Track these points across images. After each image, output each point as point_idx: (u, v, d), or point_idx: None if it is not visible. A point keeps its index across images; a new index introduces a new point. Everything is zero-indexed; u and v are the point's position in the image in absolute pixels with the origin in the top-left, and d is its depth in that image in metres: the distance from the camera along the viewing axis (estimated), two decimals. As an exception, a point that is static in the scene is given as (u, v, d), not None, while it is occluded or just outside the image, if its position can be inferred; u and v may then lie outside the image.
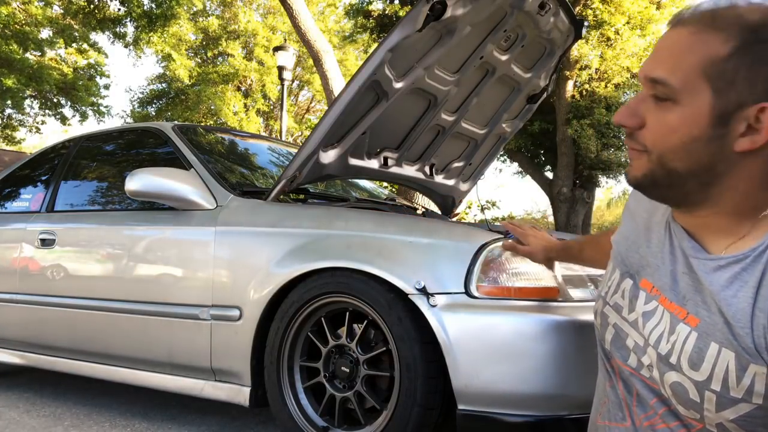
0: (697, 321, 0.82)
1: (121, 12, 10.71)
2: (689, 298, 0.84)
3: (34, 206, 2.86)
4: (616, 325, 0.96)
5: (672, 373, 0.84)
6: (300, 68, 17.98)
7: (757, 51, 0.74)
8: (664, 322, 0.87)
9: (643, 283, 0.92)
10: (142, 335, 2.21)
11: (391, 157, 2.57)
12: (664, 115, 0.80)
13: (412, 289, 1.63)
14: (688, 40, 0.78)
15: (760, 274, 0.77)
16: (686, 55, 0.77)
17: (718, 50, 0.75)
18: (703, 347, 0.81)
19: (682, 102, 0.78)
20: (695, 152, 0.79)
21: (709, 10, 0.78)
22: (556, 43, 2.49)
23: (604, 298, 1.00)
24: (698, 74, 0.77)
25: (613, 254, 1.02)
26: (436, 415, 1.62)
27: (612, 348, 0.97)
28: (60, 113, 16.40)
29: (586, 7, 9.37)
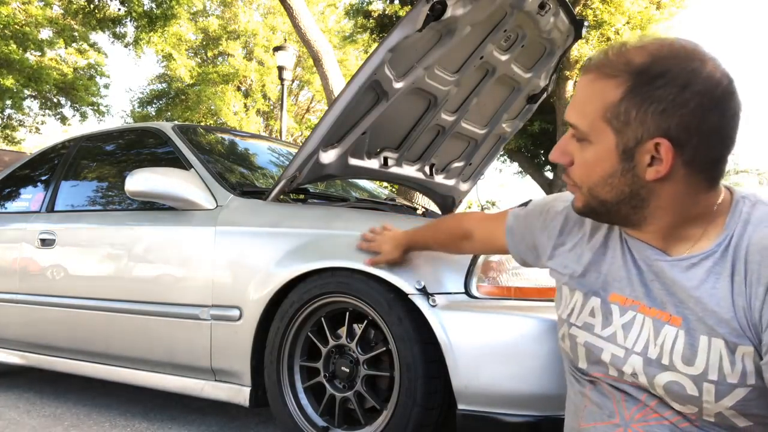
0: (680, 320, 0.88)
1: (121, 12, 10.70)
2: (666, 301, 0.90)
3: (34, 206, 2.86)
4: (587, 344, 1.00)
5: (665, 373, 0.89)
6: (300, 68, 17.98)
7: (644, 92, 0.83)
8: (647, 328, 0.92)
9: (612, 297, 0.97)
10: (142, 335, 2.21)
11: (391, 157, 2.57)
12: (584, 153, 0.91)
13: (412, 289, 1.63)
14: (590, 89, 0.89)
15: (730, 265, 0.85)
16: (589, 102, 0.89)
17: (612, 96, 0.86)
18: (693, 343, 0.86)
19: (593, 142, 0.89)
20: (615, 184, 0.89)
21: (603, 58, 0.88)
22: (556, 43, 2.49)
23: (568, 321, 1.04)
24: (600, 118, 0.87)
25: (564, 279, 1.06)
26: (436, 415, 1.62)
27: (588, 366, 1.01)
28: (60, 113, 16.40)
29: (586, 7, 9.36)
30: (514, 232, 1.20)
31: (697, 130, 0.82)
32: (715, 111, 0.82)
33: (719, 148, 0.85)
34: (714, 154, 0.85)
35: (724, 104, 0.83)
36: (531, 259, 1.18)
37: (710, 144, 0.84)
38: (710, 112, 0.82)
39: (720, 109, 0.83)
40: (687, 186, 0.86)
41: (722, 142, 0.85)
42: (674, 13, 10.45)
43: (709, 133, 0.83)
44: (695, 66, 0.82)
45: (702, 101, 0.81)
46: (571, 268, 1.04)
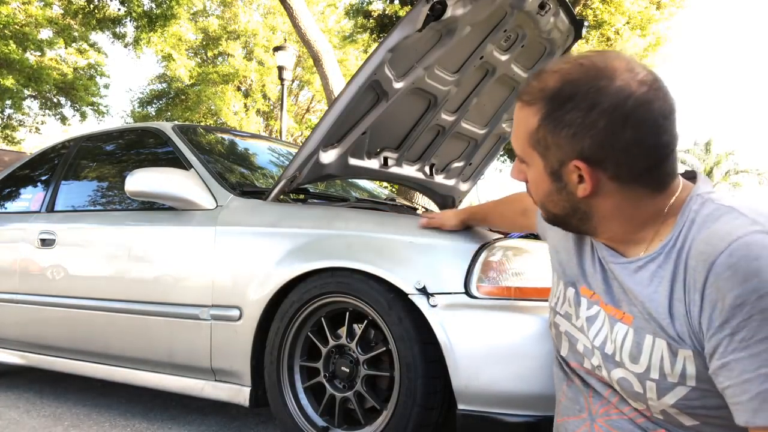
0: (631, 318, 0.91)
1: (121, 12, 10.71)
2: (621, 299, 0.93)
3: (34, 206, 2.86)
4: (567, 333, 1.04)
5: (617, 370, 0.92)
6: (300, 68, 17.97)
7: (555, 117, 0.87)
8: (605, 324, 0.95)
9: (582, 290, 1.01)
10: (142, 335, 2.21)
11: (391, 157, 2.57)
12: (528, 174, 0.97)
13: (412, 289, 1.63)
14: (517, 116, 0.94)
15: (672, 269, 0.85)
16: (519, 129, 0.94)
17: (531, 123, 0.90)
18: (640, 341, 0.89)
19: (529, 165, 0.95)
20: (556, 201, 0.94)
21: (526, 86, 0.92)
22: (556, 43, 2.49)
23: (555, 309, 1.08)
24: (526, 144, 0.92)
25: (554, 265, 1.11)
26: (436, 415, 1.62)
27: (568, 354, 1.05)
28: (60, 113, 16.40)
29: (586, 7, 9.36)
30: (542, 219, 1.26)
31: (612, 147, 0.84)
32: (628, 125, 0.82)
33: (645, 158, 0.85)
34: (641, 165, 0.85)
35: (638, 116, 0.82)
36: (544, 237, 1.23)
37: (632, 157, 0.84)
38: (622, 127, 0.82)
39: (633, 122, 0.82)
40: (624, 197, 0.88)
41: (646, 151, 0.84)
42: (674, 13, 10.45)
43: (627, 148, 0.83)
44: (602, 84, 0.83)
45: (611, 119, 0.82)
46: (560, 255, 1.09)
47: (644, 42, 10.02)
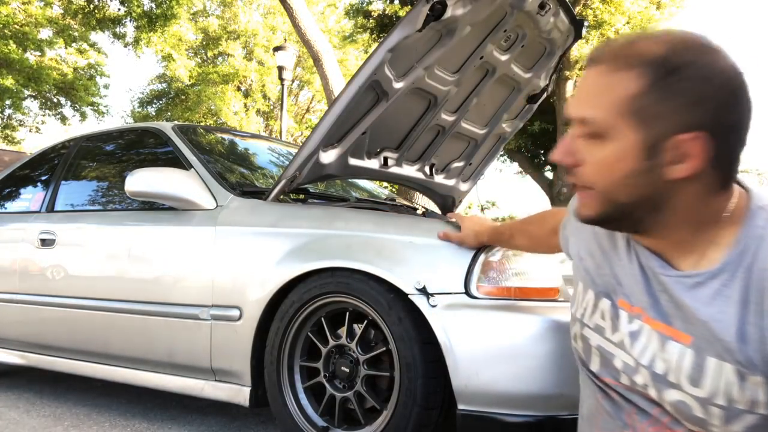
0: (690, 338, 0.82)
1: (121, 12, 10.71)
2: (674, 315, 0.84)
3: (34, 206, 2.86)
4: (600, 347, 0.94)
5: (672, 391, 0.84)
6: (300, 68, 17.97)
7: (667, 85, 0.77)
8: (654, 341, 0.86)
9: (620, 302, 0.92)
10: (142, 335, 2.21)
11: (391, 157, 2.57)
12: (599, 151, 0.82)
13: (412, 289, 1.63)
14: (602, 81, 0.81)
15: (743, 290, 0.77)
16: (603, 95, 0.80)
17: (631, 88, 0.78)
18: (701, 363, 0.80)
19: (611, 138, 0.81)
20: (635, 184, 0.81)
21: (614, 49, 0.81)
22: (556, 43, 2.49)
23: (581, 321, 0.98)
24: (618, 112, 0.79)
25: (580, 273, 1.01)
26: (436, 415, 1.62)
27: (601, 369, 0.95)
28: (60, 113, 16.41)
29: (586, 7, 9.36)
30: (565, 225, 1.16)
31: (721, 125, 0.77)
32: (736, 105, 0.78)
33: (739, 144, 0.80)
34: (734, 151, 0.80)
35: (743, 96, 0.79)
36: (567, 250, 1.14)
37: (731, 139, 0.79)
38: (731, 106, 0.78)
39: (741, 100, 0.78)
40: (703, 186, 0.80)
41: (741, 137, 0.80)
42: (674, 14, 10.46)
43: (730, 128, 0.78)
44: (713, 58, 0.78)
45: (724, 95, 0.77)
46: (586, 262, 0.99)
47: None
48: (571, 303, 1.04)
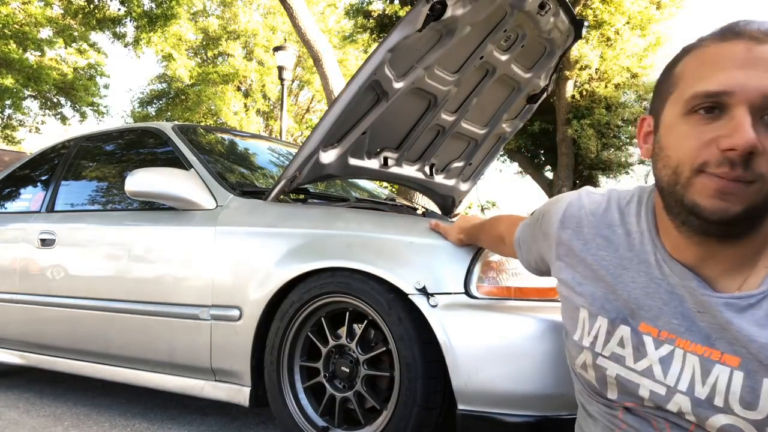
0: (738, 359, 0.78)
1: (121, 12, 10.71)
2: (717, 337, 0.79)
3: (34, 206, 2.86)
4: (620, 377, 0.88)
5: (720, 416, 0.79)
6: (300, 68, 17.97)
7: None
8: (691, 365, 0.81)
9: (643, 327, 0.86)
10: (143, 335, 2.21)
11: (391, 157, 2.57)
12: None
13: (412, 289, 1.63)
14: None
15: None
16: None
17: None
18: (755, 386, 0.77)
19: None
20: None
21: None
22: (556, 43, 2.49)
23: (593, 350, 0.91)
24: None
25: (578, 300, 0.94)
26: (436, 415, 1.62)
27: (618, 395, 0.90)
28: (60, 113, 16.41)
29: (586, 7, 9.37)
30: (521, 244, 1.13)
31: None
32: None
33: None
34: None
35: None
36: (545, 269, 1.07)
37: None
38: None
39: None
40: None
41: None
42: (674, 14, 10.46)
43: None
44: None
45: None
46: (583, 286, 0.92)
47: (644, 42, 10.02)
48: (570, 327, 0.96)
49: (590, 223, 0.94)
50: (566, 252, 0.96)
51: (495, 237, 1.34)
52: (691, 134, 0.76)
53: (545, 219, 1.02)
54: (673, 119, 0.79)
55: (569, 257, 0.95)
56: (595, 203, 0.95)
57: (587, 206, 0.96)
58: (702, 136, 0.75)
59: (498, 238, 1.31)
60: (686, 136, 0.76)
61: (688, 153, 0.76)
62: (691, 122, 0.76)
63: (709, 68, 0.75)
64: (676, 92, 0.80)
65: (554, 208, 1.00)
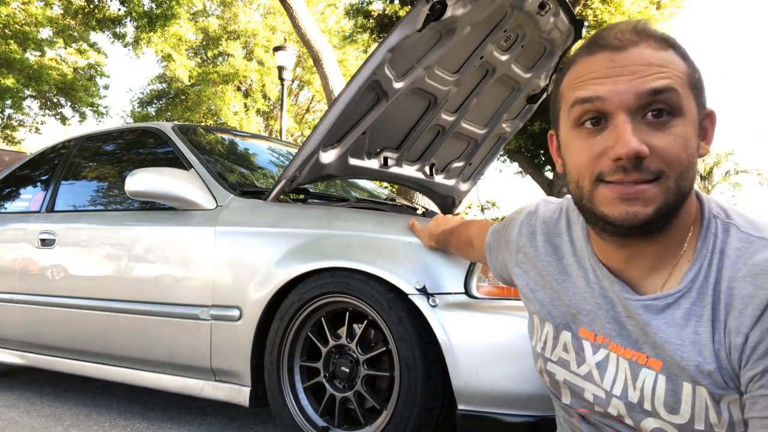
0: (660, 363, 0.79)
1: (121, 12, 10.71)
2: (643, 341, 0.80)
3: (34, 206, 2.86)
4: (567, 382, 0.90)
5: (650, 419, 0.81)
6: (300, 68, 17.98)
7: (694, 64, 0.78)
8: (623, 369, 0.83)
9: (582, 332, 0.88)
10: (143, 335, 2.21)
11: (391, 157, 2.57)
12: (671, 130, 0.74)
13: (412, 289, 1.63)
14: (660, 55, 0.76)
15: (711, 308, 0.75)
16: (670, 67, 0.75)
17: (682, 63, 0.77)
18: (676, 389, 0.78)
19: (685, 112, 0.75)
20: (694, 165, 0.77)
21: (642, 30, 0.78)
22: (556, 43, 2.49)
23: (543, 355, 0.95)
24: (686, 85, 0.76)
25: (533, 306, 0.96)
26: (436, 415, 1.62)
27: (572, 401, 0.92)
28: (60, 113, 16.41)
29: (586, 7, 9.37)
30: (491, 249, 1.13)
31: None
32: None
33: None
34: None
35: None
36: (507, 278, 1.08)
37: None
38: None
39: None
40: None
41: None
42: (674, 14, 10.46)
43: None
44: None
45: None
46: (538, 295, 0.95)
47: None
48: (530, 335, 0.99)
49: (542, 231, 0.97)
50: (522, 259, 0.98)
51: (464, 241, 1.35)
52: (584, 148, 0.78)
53: (508, 227, 1.05)
54: (566, 135, 0.82)
55: (525, 264, 0.98)
56: (550, 212, 0.98)
57: (542, 215, 0.99)
58: (593, 149, 0.77)
59: (467, 242, 1.33)
60: (580, 151, 0.78)
61: (584, 166, 0.78)
62: (581, 136, 0.78)
63: (581, 81, 0.78)
64: (563, 108, 0.82)
65: (516, 217, 1.04)
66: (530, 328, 0.99)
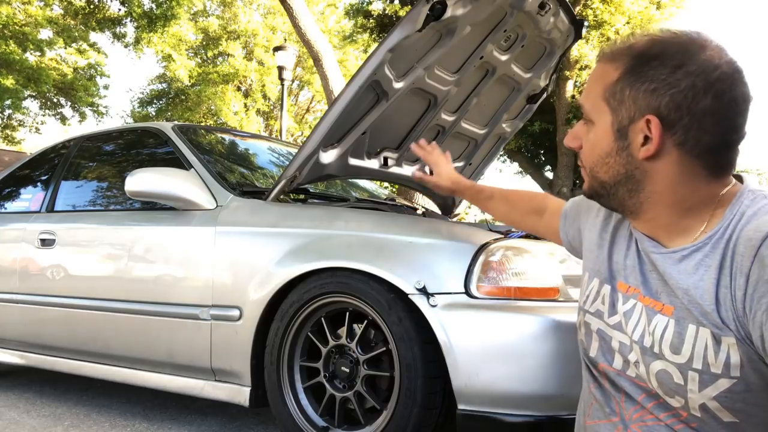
0: (672, 309, 0.89)
1: (121, 12, 10.71)
2: (660, 291, 0.92)
3: (34, 206, 2.86)
4: (600, 331, 1.01)
5: (657, 362, 0.90)
6: (300, 68, 17.98)
7: (638, 72, 0.87)
8: (643, 316, 0.93)
9: (619, 285, 1.00)
10: (143, 335, 2.21)
11: (391, 157, 2.57)
12: (589, 134, 0.96)
13: (412, 289, 1.63)
14: (595, 72, 0.94)
15: (720, 257, 0.84)
16: (594, 84, 0.93)
17: (611, 77, 0.90)
18: (681, 331, 0.87)
19: (595, 122, 0.94)
20: (612, 164, 0.93)
21: (612, 45, 0.93)
22: (556, 43, 2.49)
23: (583, 308, 1.06)
24: (600, 98, 0.92)
25: (588, 263, 1.10)
26: (436, 415, 1.62)
27: (598, 354, 1.02)
28: (60, 113, 16.41)
29: (586, 7, 9.37)
30: (568, 215, 1.23)
31: (687, 110, 0.83)
32: (709, 93, 0.82)
33: (715, 133, 0.84)
34: (709, 139, 0.85)
35: (721, 88, 0.83)
36: (577, 244, 1.21)
37: (703, 126, 0.84)
38: (703, 94, 0.82)
39: (715, 92, 0.82)
40: (682, 171, 0.87)
41: (719, 126, 0.84)
42: (674, 14, 10.46)
43: (702, 116, 0.83)
44: (693, 49, 0.84)
45: (695, 82, 0.83)
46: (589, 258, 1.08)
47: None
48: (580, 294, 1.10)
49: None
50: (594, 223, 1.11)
51: (531, 207, 1.38)
52: None
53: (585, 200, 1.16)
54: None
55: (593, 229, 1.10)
56: None
57: None
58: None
59: (535, 209, 1.37)
60: None
61: None
62: None
63: None
64: None
65: None
66: (581, 285, 1.12)
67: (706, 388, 0.84)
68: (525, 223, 1.42)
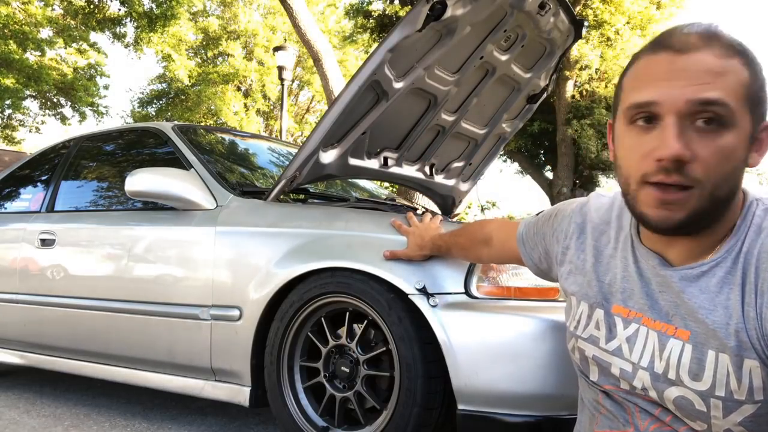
0: (688, 333, 0.84)
1: (121, 12, 10.72)
2: (674, 314, 0.86)
3: (34, 206, 2.86)
4: (596, 357, 0.97)
5: (673, 388, 0.85)
6: (300, 68, 17.98)
7: (758, 73, 0.79)
8: (652, 341, 0.88)
9: (615, 309, 0.94)
10: (143, 335, 2.21)
11: (391, 157, 2.57)
12: (717, 141, 0.77)
13: (412, 289, 1.63)
14: (722, 63, 0.77)
15: (741, 274, 0.80)
16: (729, 77, 0.77)
17: (744, 74, 0.78)
18: (701, 357, 0.82)
19: (736, 124, 0.77)
20: (738, 176, 0.80)
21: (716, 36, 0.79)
22: (556, 43, 2.49)
23: (575, 333, 1.01)
24: (741, 96, 0.77)
25: (572, 287, 1.04)
26: (436, 415, 1.62)
27: (600, 378, 0.98)
28: (60, 113, 16.41)
29: (586, 7, 9.37)
30: (526, 240, 1.18)
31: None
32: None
33: None
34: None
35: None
36: (545, 268, 1.16)
37: None
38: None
39: None
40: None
41: None
42: (674, 14, 10.46)
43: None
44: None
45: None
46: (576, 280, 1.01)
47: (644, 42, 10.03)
48: (566, 316, 1.06)
49: (591, 219, 1.03)
50: (569, 245, 1.05)
51: (478, 240, 1.38)
52: (634, 147, 0.82)
53: (556, 217, 1.11)
54: (620, 130, 0.86)
55: (570, 250, 1.05)
56: (600, 203, 1.05)
57: (593, 206, 1.06)
58: (641, 149, 0.81)
59: (481, 240, 1.36)
60: (630, 149, 0.83)
61: (633, 166, 0.82)
62: (633, 133, 0.82)
63: (640, 81, 0.82)
64: (621, 104, 0.86)
65: (565, 208, 1.11)
66: (567, 309, 1.06)
67: (731, 414, 0.81)
68: (481, 256, 1.42)
